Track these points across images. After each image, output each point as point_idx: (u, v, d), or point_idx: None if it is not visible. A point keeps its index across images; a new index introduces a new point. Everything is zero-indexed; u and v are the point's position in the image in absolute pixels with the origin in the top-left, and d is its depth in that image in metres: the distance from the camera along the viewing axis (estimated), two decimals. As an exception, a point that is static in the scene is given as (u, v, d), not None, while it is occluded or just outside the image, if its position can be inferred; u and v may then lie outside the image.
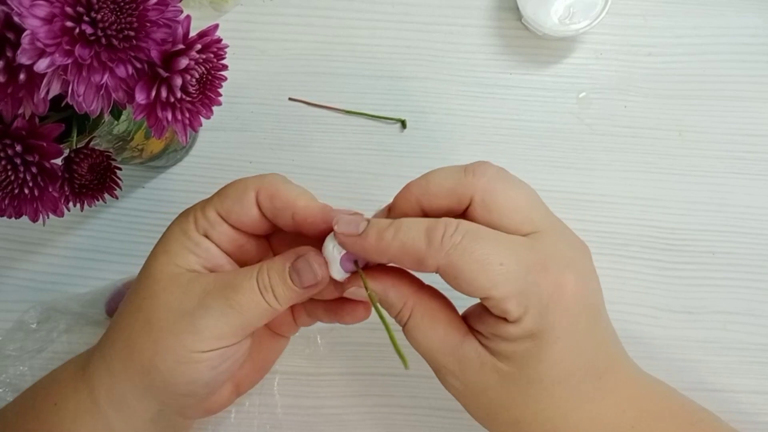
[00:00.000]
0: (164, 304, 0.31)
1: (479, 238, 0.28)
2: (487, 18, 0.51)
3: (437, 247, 0.28)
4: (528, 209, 0.30)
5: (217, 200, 0.32)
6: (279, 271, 0.31)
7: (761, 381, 0.47)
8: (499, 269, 0.27)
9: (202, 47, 0.28)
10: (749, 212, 0.48)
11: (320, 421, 0.47)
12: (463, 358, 0.30)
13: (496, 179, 0.30)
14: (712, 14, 0.50)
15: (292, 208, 0.31)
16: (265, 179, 0.32)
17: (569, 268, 0.29)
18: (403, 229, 0.29)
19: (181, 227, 0.33)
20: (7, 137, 0.27)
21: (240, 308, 0.30)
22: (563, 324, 0.28)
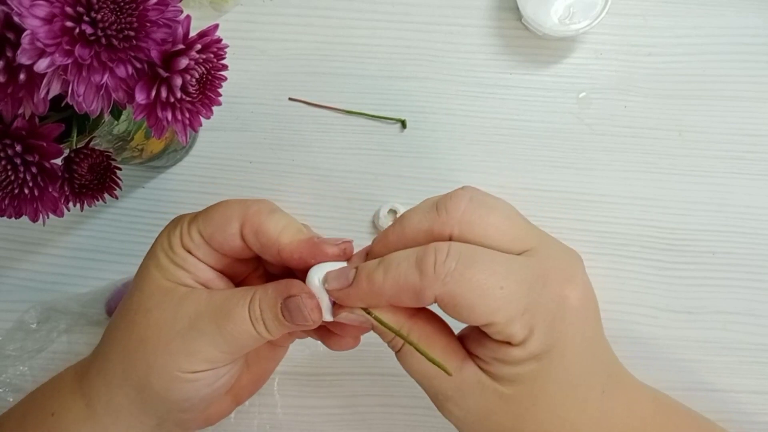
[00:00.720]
0: (156, 322, 0.31)
1: (475, 262, 0.27)
2: (487, 18, 0.51)
3: (431, 277, 0.27)
4: (513, 230, 0.29)
5: (202, 222, 0.32)
6: (271, 306, 0.30)
7: (761, 381, 0.47)
8: (500, 293, 0.26)
9: (202, 47, 0.28)
10: (749, 212, 0.48)
11: (320, 421, 0.47)
12: (463, 383, 0.29)
13: (470, 210, 0.28)
14: (712, 14, 0.50)
15: (276, 245, 0.30)
16: (250, 210, 0.31)
17: (570, 281, 0.28)
18: (392, 265, 0.28)
19: (168, 240, 0.32)
20: (7, 137, 0.27)
21: (231, 336, 0.30)
22: (568, 337, 0.28)
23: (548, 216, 0.49)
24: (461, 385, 0.29)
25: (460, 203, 0.28)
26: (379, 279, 0.28)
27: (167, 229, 0.33)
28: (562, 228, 0.48)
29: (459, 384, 0.29)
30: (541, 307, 0.27)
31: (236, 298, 0.31)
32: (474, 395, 0.29)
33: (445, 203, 0.28)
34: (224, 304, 0.31)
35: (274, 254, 0.31)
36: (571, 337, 0.28)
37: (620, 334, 0.47)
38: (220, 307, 0.31)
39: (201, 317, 0.30)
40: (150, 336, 0.31)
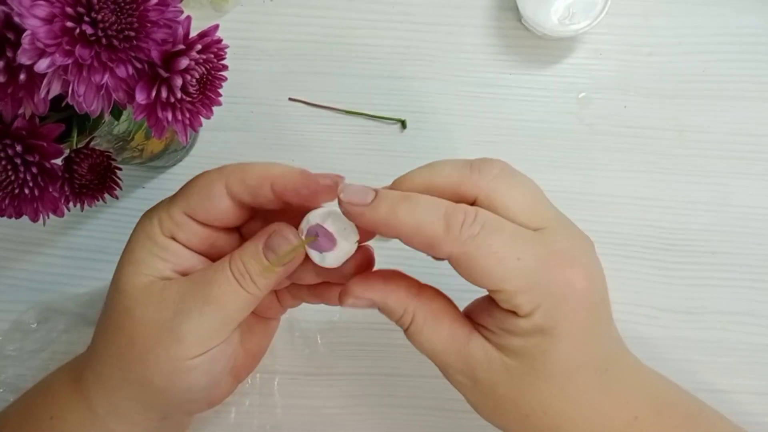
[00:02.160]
0: (141, 319, 0.30)
1: (497, 231, 0.28)
2: (487, 18, 0.51)
3: (455, 235, 0.27)
4: (534, 206, 0.29)
5: (182, 199, 0.31)
6: (253, 254, 0.30)
7: (761, 381, 0.47)
8: (516, 264, 0.27)
9: (202, 47, 0.28)
10: (750, 212, 0.48)
11: (320, 421, 0.47)
12: (470, 356, 0.30)
13: (501, 178, 0.29)
14: (712, 14, 0.50)
15: (268, 179, 0.29)
16: (227, 167, 0.31)
17: (579, 264, 0.29)
18: (420, 207, 0.28)
19: (145, 232, 0.31)
20: (7, 137, 0.27)
21: (218, 303, 0.29)
22: (573, 320, 0.28)
23: (548, 216, 0.48)
24: (469, 358, 0.30)
25: (493, 168, 0.29)
26: (401, 213, 0.28)
27: (141, 225, 0.32)
28: (562, 228, 0.48)
29: (466, 356, 0.30)
30: (548, 286, 0.28)
31: (216, 265, 0.30)
32: (481, 367, 0.30)
33: (479, 165, 0.29)
34: (205, 276, 0.30)
35: (268, 194, 0.30)
36: (575, 320, 0.28)
37: (620, 334, 0.47)
38: (201, 279, 0.30)
39: (184, 299, 0.29)
40: (138, 334, 0.30)
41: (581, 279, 0.28)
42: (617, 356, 0.32)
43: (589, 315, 0.29)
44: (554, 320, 0.28)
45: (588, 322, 0.29)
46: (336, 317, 0.48)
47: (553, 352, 0.28)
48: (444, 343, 0.30)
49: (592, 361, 0.30)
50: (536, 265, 0.28)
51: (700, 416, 0.33)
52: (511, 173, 0.30)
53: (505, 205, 0.29)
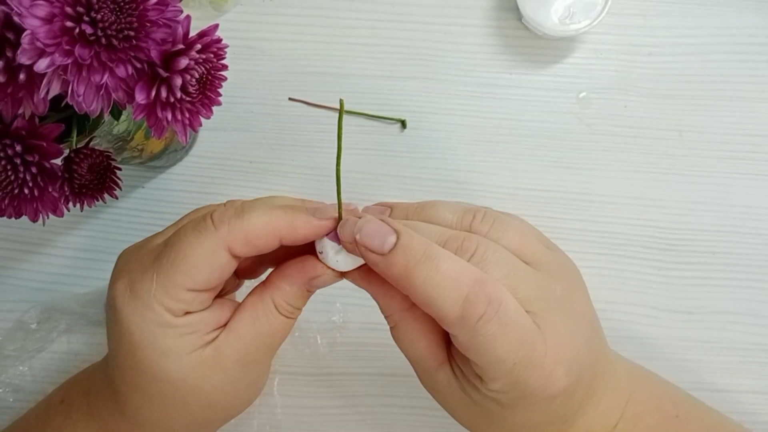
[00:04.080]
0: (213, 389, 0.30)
1: (507, 325, 0.26)
2: (487, 18, 0.51)
3: (469, 326, 0.26)
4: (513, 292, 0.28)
5: (185, 278, 0.28)
6: (299, 296, 0.31)
7: (761, 381, 0.47)
8: (511, 367, 0.27)
9: (202, 47, 0.28)
10: (749, 212, 0.48)
11: (320, 421, 0.47)
12: (436, 380, 0.31)
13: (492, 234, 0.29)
14: (712, 14, 0.50)
15: (276, 236, 0.29)
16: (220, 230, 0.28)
17: (561, 363, 0.28)
18: (437, 279, 0.26)
19: (155, 322, 0.28)
20: (7, 137, 0.27)
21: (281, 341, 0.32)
22: (539, 407, 0.29)
23: (548, 216, 0.49)
24: (434, 381, 0.31)
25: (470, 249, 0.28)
26: (418, 278, 0.26)
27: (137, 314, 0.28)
28: (562, 228, 0.48)
29: (433, 378, 0.31)
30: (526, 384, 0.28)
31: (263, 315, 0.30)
32: (444, 392, 0.31)
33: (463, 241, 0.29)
34: (259, 329, 0.30)
35: (274, 246, 0.30)
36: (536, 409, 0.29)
37: (620, 334, 0.47)
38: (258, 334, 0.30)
39: (249, 355, 0.30)
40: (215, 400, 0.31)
41: (563, 377, 0.28)
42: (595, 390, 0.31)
43: (563, 399, 0.29)
44: (522, 404, 0.28)
45: (558, 404, 0.29)
46: (336, 317, 0.48)
47: (514, 416, 0.29)
48: (416, 358, 0.31)
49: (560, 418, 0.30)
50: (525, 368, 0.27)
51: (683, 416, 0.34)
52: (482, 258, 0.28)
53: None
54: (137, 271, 0.29)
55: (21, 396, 0.47)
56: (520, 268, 0.28)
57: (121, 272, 0.30)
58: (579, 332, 0.29)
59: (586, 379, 0.30)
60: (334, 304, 0.48)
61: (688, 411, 0.34)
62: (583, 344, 0.29)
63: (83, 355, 0.48)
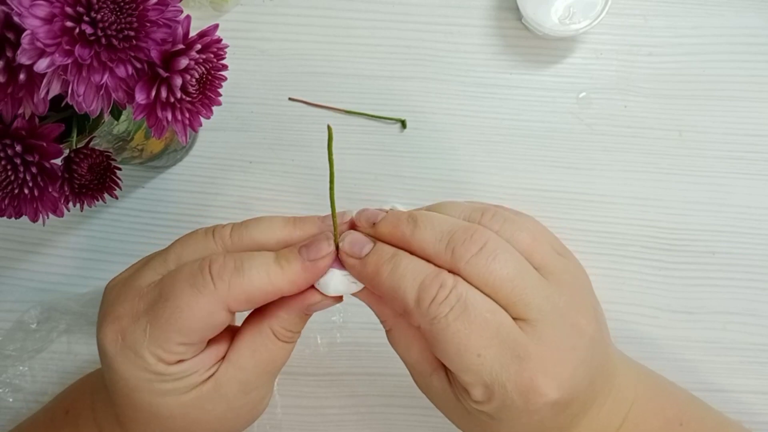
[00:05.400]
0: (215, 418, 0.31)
1: (466, 316, 0.26)
2: (487, 18, 0.51)
3: (423, 311, 0.27)
4: (512, 296, 0.27)
5: (179, 335, 0.28)
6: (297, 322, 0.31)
7: (761, 381, 0.47)
8: (476, 360, 0.27)
9: (202, 47, 0.28)
10: (749, 212, 0.48)
11: (320, 421, 0.47)
12: (430, 386, 0.31)
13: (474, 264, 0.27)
14: (712, 14, 0.50)
15: (277, 294, 0.29)
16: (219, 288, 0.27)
17: (546, 374, 0.27)
18: (399, 271, 0.28)
19: (149, 371, 0.28)
20: (7, 137, 0.27)
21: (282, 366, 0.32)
22: (525, 420, 0.28)
23: (548, 216, 0.49)
24: (428, 386, 0.31)
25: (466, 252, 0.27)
26: (384, 274, 0.28)
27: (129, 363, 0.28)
28: (562, 228, 0.48)
29: (427, 383, 0.31)
30: (505, 391, 0.27)
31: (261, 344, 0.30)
32: (437, 397, 0.31)
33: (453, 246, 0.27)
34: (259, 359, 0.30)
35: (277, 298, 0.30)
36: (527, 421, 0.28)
37: (620, 334, 0.47)
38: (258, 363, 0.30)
39: (250, 384, 0.31)
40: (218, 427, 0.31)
41: (548, 389, 0.27)
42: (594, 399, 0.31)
43: (551, 413, 0.28)
44: (508, 415, 0.28)
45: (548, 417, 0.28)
46: (336, 317, 0.48)
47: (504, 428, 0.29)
48: (412, 362, 0.31)
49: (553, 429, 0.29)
50: (497, 367, 0.27)
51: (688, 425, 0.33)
52: (491, 254, 0.27)
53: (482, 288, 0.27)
54: (128, 318, 0.28)
55: (21, 396, 0.47)
56: (527, 271, 0.28)
57: (109, 315, 0.29)
58: (576, 350, 0.28)
59: (581, 397, 0.29)
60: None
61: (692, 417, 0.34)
62: (579, 362, 0.28)
63: (83, 355, 0.48)
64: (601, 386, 0.31)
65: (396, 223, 0.29)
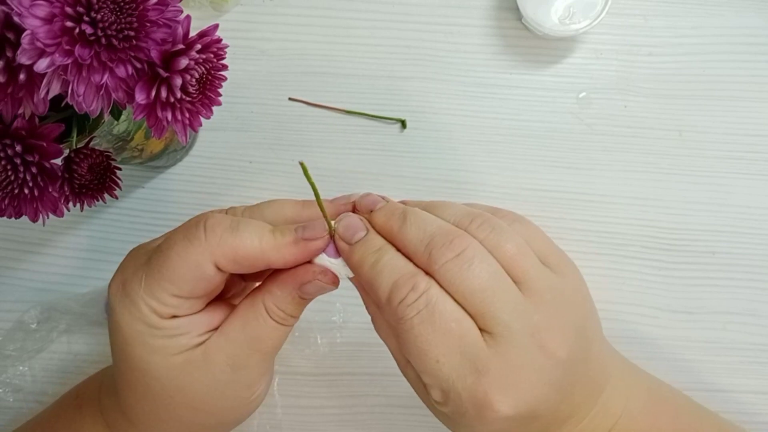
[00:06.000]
0: (201, 390, 0.31)
1: (430, 322, 0.27)
2: (487, 18, 0.51)
3: (393, 309, 0.27)
4: (481, 304, 0.27)
5: (170, 285, 0.28)
6: (290, 301, 0.30)
7: (761, 381, 0.47)
8: (434, 366, 0.27)
9: (202, 47, 0.28)
10: (749, 212, 0.48)
11: (320, 421, 0.47)
12: (407, 375, 0.31)
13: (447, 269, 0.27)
14: (712, 14, 0.50)
15: (264, 261, 0.29)
16: (210, 242, 0.28)
17: (504, 393, 0.27)
18: (379, 264, 0.28)
19: (143, 322, 0.29)
20: (7, 137, 0.27)
21: (272, 347, 0.31)
22: (480, 428, 0.28)
23: (548, 216, 0.49)
24: (406, 376, 0.32)
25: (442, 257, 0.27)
26: (366, 266, 0.29)
27: (126, 312, 0.29)
28: (562, 228, 0.48)
29: (405, 375, 0.32)
30: (460, 399, 0.27)
31: (253, 319, 0.30)
32: (414, 388, 0.31)
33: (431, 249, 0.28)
34: (249, 333, 0.30)
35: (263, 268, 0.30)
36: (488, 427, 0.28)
37: (620, 334, 0.47)
38: (247, 337, 0.30)
39: (237, 357, 0.30)
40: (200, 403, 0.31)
41: (504, 405, 0.27)
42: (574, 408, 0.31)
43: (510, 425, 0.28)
44: (465, 422, 0.28)
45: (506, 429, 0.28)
46: (336, 317, 0.48)
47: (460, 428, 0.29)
48: (392, 349, 0.32)
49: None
50: (453, 375, 0.27)
51: None
52: (466, 261, 0.27)
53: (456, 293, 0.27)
54: (130, 270, 0.30)
55: (21, 396, 0.47)
56: (501, 284, 0.28)
57: (120, 269, 0.31)
58: (541, 371, 0.28)
59: (545, 415, 0.29)
60: (334, 304, 0.48)
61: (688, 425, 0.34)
62: (542, 383, 0.28)
63: (83, 355, 0.48)
64: (582, 401, 0.31)
65: (388, 216, 0.30)
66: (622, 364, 0.35)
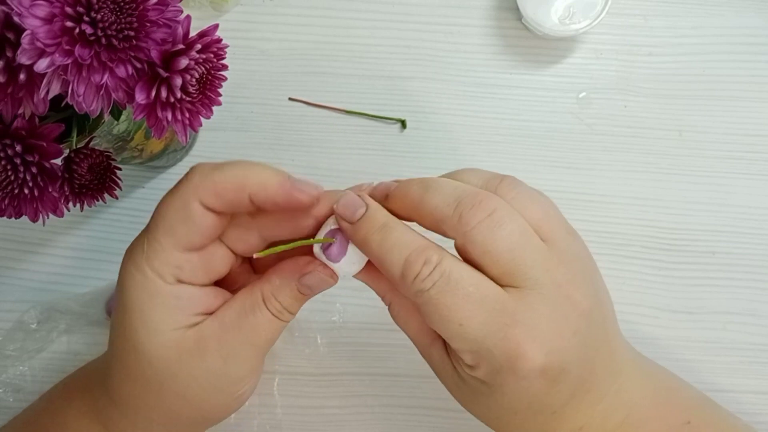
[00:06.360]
0: (190, 377, 0.30)
1: (449, 290, 0.27)
2: (487, 18, 0.51)
3: (408, 284, 0.27)
4: (514, 261, 0.27)
5: (166, 235, 0.29)
6: (289, 294, 0.30)
7: (761, 381, 0.47)
8: (458, 329, 0.27)
9: (202, 47, 0.28)
10: (749, 212, 0.48)
11: (320, 421, 0.47)
12: (431, 357, 0.31)
13: (481, 227, 0.27)
14: (712, 14, 0.50)
15: (245, 190, 0.28)
16: (194, 177, 0.28)
17: (533, 340, 0.27)
18: (387, 242, 0.28)
19: (146, 291, 0.29)
20: (7, 137, 0.27)
21: (266, 341, 0.31)
22: (516, 386, 0.28)
23: (548, 216, 0.48)
24: (429, 357, 0.31)
25: (473, 218, 0.27)
26: (373, 242, 0.28)
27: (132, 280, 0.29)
28: (562, 228, 0.48)
29: (429, 354, 0.31)
30: (491, 355, 0.27)
31: (250, 307, 0.30)
32: (437, 368, 0.31)
33: (461, 211, 0.28)
34: (243, 321, 0.30)
35: (246, 204, 0.29)
36: (519, 386, 0.28)
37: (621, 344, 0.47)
38: (241, 325, 0.30)
39: (229, 345, 0.30)
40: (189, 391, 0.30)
41: (534, 355, 0.27)
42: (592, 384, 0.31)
43: (542, 382, 0.28)
44: (498, 381, 0.28)
45: (539, 386, 0.28)
46: (336, 317, 0.48)
47: (496, 399, 0.29)
48: (412, 335, 0.32)
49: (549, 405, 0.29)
50: (480, 334, 0.27)
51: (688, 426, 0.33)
52: (497, 222, 0.27)
53: (479, 257, 0.27)
54: (136, 241, 0.30)
55: (21, 396, 0.47)
56: (531, 242, 0.28)
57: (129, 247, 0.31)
58: (568, 319, 0.28)
59: (573, 371, 0.29)
60: (334, 304, 0.48)
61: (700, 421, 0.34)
62: (571, 332, 0.28)
63: (83, 355, 0.48)
64: (602, 376, 0.31)
65: (407, 190, 0.29)
66: (635, 354, 0.35)
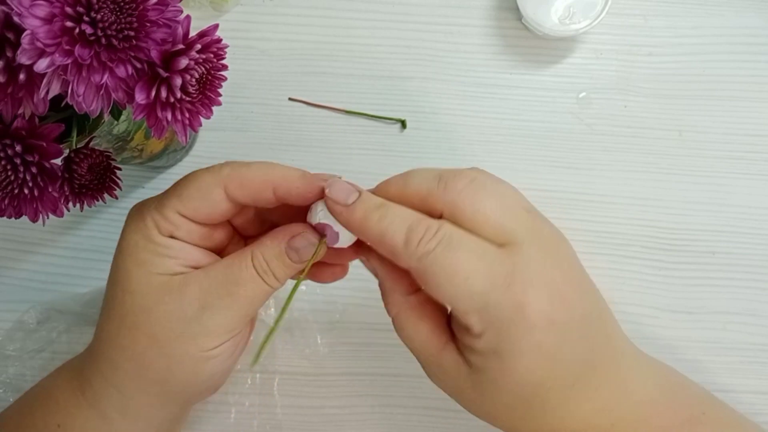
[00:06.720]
0: (165, 316, 0.31)
1: (452, 248, 0.28)
2: (487, 18, 0.51)
3: (412, 250, 0.28)
4: (502, 219, 0.29)
5: (177, 201, 0.31)
6: (276, 254, 0.31)
7: (761, 381, 0.47)
8: (464, 284, 0.28)
9: (202, 47, 0.28)
10: (749, 212, 0.48)
11: (320, 421, 0.47)
12: (442, 363, 0.31)
13: (467, 192, 0.29)
14: (712, 14, 0.50)
15: (270, 184, 0.31)
16: (223, 168, 0.31)
17: (540, 284, 0.28)
18: (388, 217, 0.29)
19: (141, 233, 0.31)
20: (7, 137, 0.27)
21: (246, 299, 0.31)
22: (526, 342, 0.28)
23: (548, 216, 0.48)
24: (442, 364, 0.31)
25: (458, 183, 0.29)
26: (372, 220, 0.29)
27: (134, 227, 0.32)
28: (562, 228, 0.48)
29: (439, 361, 0.31)
30: (497, 308, 0.28)
31: (237, 262, 0.31)
32: (451, 373, 0.31)
33: (446, 180, 0.29)
34: (228, 273, 0.31)
35: (269, 197, 0.31)
36: (528, 342, 0.28)
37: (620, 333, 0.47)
38: (226, 277, 0.31)
39: (209, 294, 0.31)
40: (160, 331, 0.31)
41: (535, 302, 0.28)
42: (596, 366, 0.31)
43: (550, 335, 0.28)
44: (508, 342, 0.28)
45: (549, 342, 0.28)
46: (336, 317, 0.48)
47: (509, 373, 0.29)
48: (421, 344, 0.32)
49: (555, 378, 0.29)
50: (486, 286, 0.27)
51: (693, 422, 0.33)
52: (480, 185, 0.29)
53: (470, 219, 0.29)
54: (150, 199, 0.32)
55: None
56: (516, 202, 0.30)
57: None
58: (561, 269, 0.30)
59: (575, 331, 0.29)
60: (335, 304, 0.48)
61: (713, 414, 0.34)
62: (568, 281, 0.29)
63: (83, 355, 0.48)
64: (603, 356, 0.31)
65: (389, 181, 0.31)
66: (637, 349, 0.35)
